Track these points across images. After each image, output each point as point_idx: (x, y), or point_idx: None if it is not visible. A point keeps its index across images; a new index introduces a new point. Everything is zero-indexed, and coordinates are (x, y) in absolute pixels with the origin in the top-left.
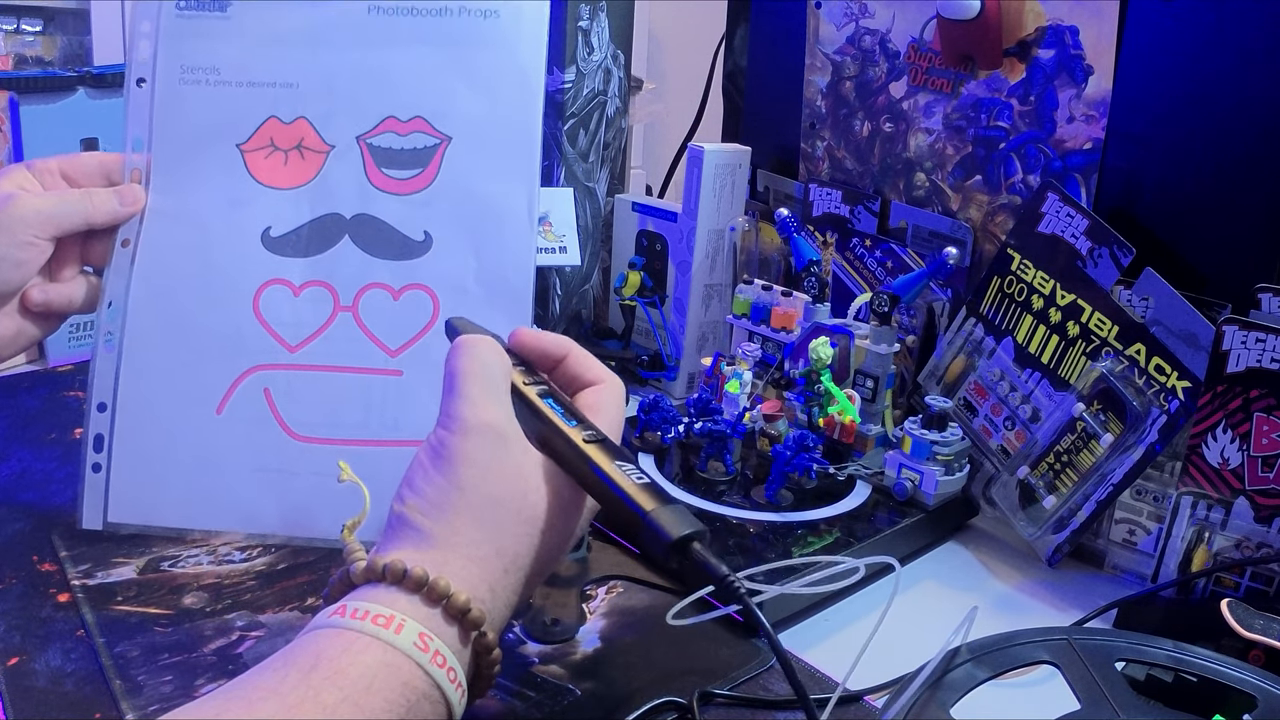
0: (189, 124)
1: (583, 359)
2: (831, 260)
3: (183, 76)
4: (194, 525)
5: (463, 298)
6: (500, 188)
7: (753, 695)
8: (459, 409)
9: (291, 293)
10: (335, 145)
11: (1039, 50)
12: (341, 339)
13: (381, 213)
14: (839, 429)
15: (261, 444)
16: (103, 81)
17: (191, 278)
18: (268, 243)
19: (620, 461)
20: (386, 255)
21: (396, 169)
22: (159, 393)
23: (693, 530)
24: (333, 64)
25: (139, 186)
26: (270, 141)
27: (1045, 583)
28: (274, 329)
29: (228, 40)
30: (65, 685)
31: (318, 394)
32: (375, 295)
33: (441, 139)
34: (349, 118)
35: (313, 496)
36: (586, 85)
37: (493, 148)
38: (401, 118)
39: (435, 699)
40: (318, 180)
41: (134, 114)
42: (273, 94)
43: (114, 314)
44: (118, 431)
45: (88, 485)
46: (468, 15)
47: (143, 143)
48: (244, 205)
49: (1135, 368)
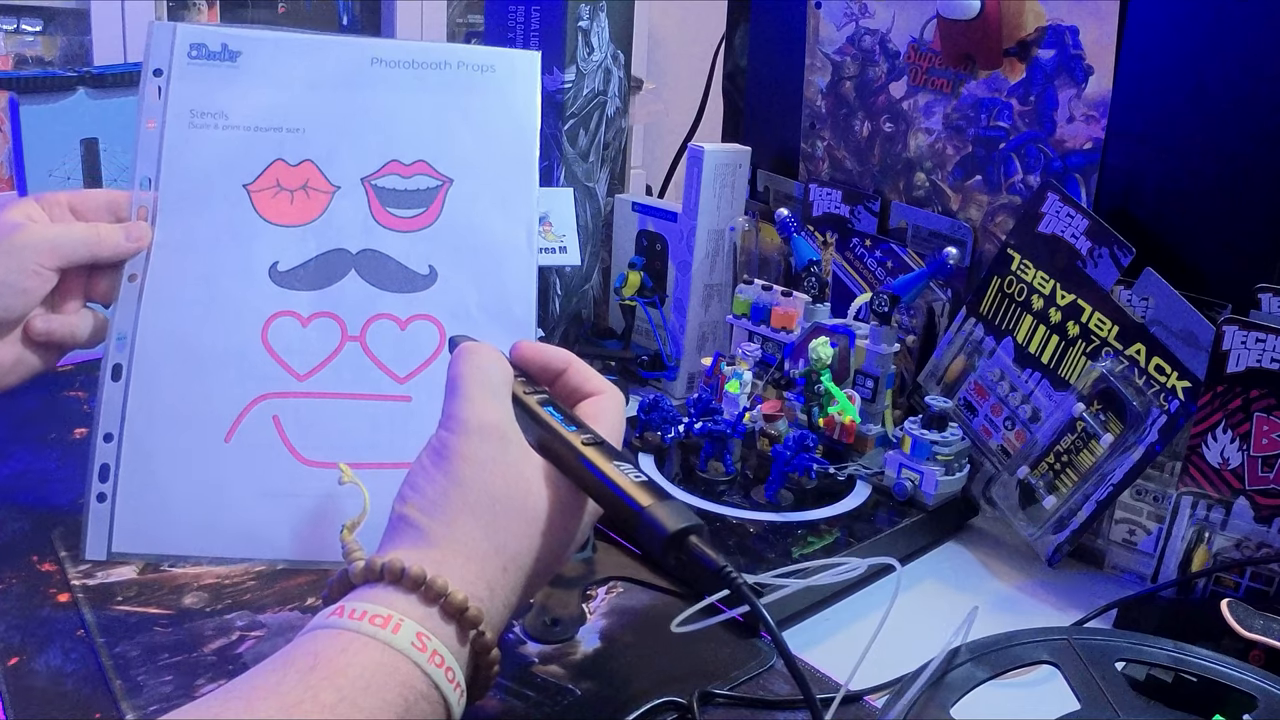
0: (197, 165)
1: (583, 371)
2: (831, 260)
3: (192, 120)
4: (200, 553)
5: (468, 325)
6: (501, 224)
7: (753, 695)
8: (460, 410)
9: (300, 323)
10: (341, 186)
11: (1039, 50)
12: (350, 367)
13: (386, 248)
14: (839, 429)
15: (270, 469)
16: (103, 81)
17: (199, 309)
18: (275, 277)
19: (618, 461)
20: (392, 288)
21: (401, 208)
22: (167, 422)
23: (689, 524)
24: (338, 110)
25: (145, 224)
26: (276, 182)
27: (1045, 583)
28: (282, 358)
29: (236, 87)
30: (65, 685)
31: (327, 420)
32: (382, 325)
33: (444, 180)
34: (354, 161)
35: (321, 518)
36: (586, 85)
37: (492, 187)
38: (404, 161)
39: (434, 699)
40: (324, 217)
41: (143, 154)
42: (279, 138)
43: (122, 346)
44: (124, 461)
45: (92, 515)
46: (465, 69)
47: (150, 182)
48: (251, 241)
49: (1135, 368)
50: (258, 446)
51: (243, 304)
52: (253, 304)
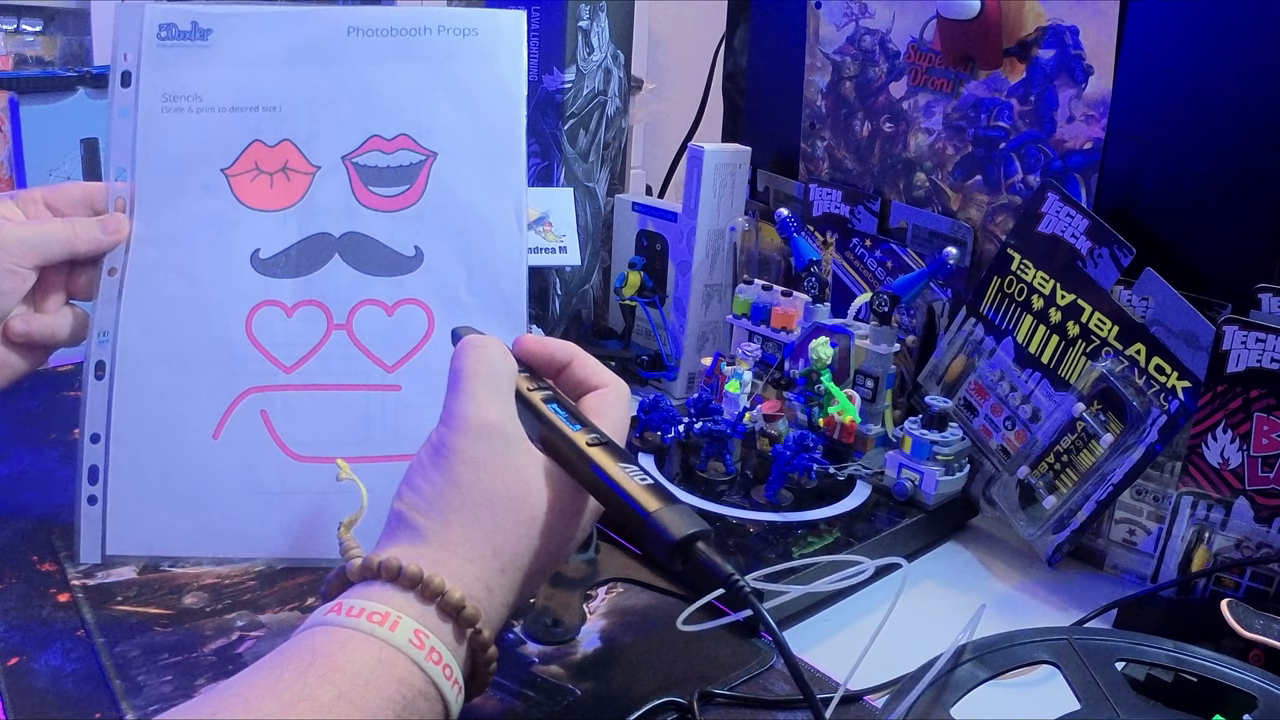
0: (172, 151)
1: (587, 364)
2: (831, 260)
3: (165, 105)
4: (195, 552)
5: (456, 309)
6: (488, 199)
7: (753, 695)
8: (461, 407)
9: (284, 313)
10: (321, 166)
11: (1039, 50)
12: (337, 357)
13: (370, 230)
14: (839, 429)
15: (261, 466)
16: (103, 81)
17: (181, 303)
18: (257, 265)
19: (624, 464)
20: (377, 272)
21: (383, 186)
22: (154, 420)
23: (696, 530)
24: (314, 85)
25: (122, 215)
26: (255, 165)
27: (1045, 583)
28: (268, 350)
29: (209, 67)
30: (65, 685)
31: (316, 413)
32: (369, 312)
33: (427, 155)
34: (333, 138)
35: (315, 515)
36: (586, 85)
37: (478, 160)
38: (386, 136)
39: (431, 696)
40: (305, 201)
41: (116, 143)
42: (255, 118)
43: (104, 343)
44: (113, 462)
45: (84, 518)
46: (446, 34)
47: (126, 172)
48: (231, 228)
49: (1135, 368)
50: (247, 443)
51: (225, 295)
52: (235, 294)
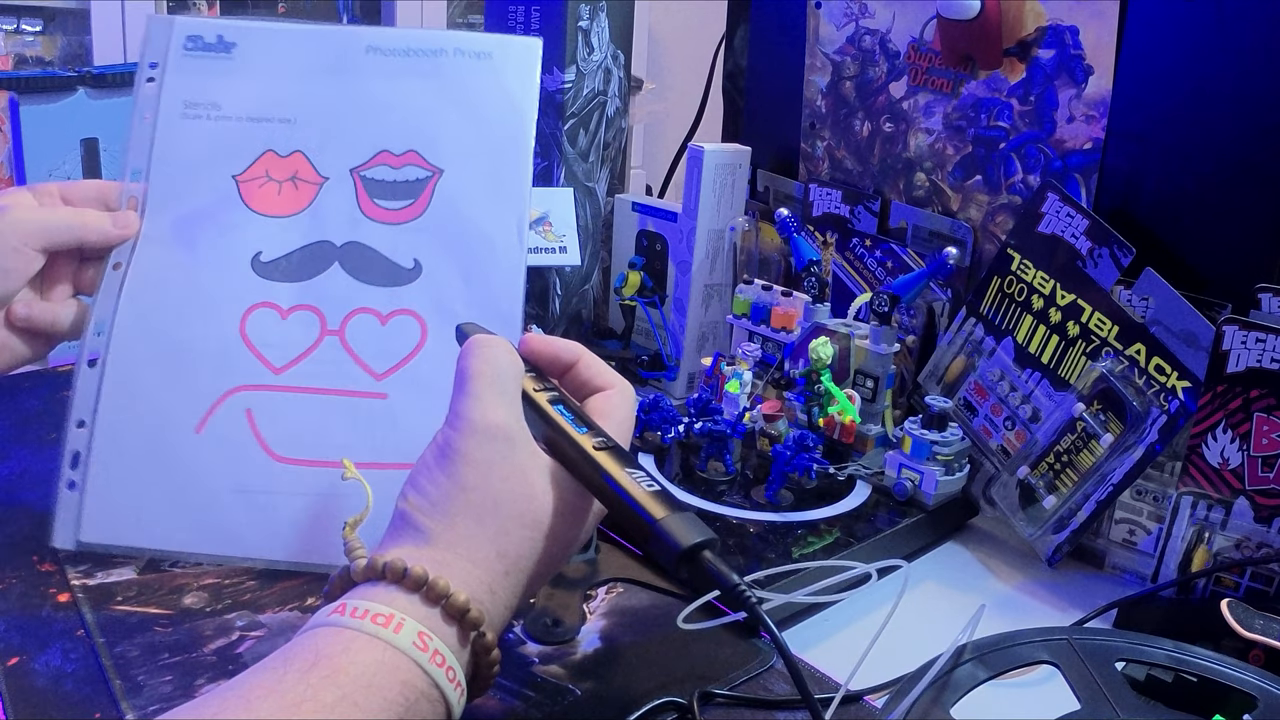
0: (187, 156)
1: (593, 364)
2: (831, 260)
3: (185, 112)
4: (170, 547)
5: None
6: (491, 216)
7: (753, 695)
8: (466, 409)
9: (279, 315)
10: (329, 177)
11: (1039, 50)
12: (327, 361)
13: (371, 240)
14: (839, 429)
15: (242, 465)
16: (103, 81)
17: (178, 297)
18: (257, 267)
19: (631, 469)
20: (375, 281)
21: (389, 200)
22: (138, 409)
23: (703, 539)
24: (329, 100)
25: (133, 213)
26: (265, 173)
27: (1045, 583)
28: (259, 350)
29: (230, 78)
30: (65, 685)
31: (301, 415)
32: (362, 319)
33: (434, 171)
34: (343, 151)
35: (295, 518)
36: (586, 85)
37: (484, 179)
38: (395, 151)
39: (434, 698)
40: (310, 209)
41: (135, 145)
42: (270, 129)
43: (100, 334)
44: (95, 449)
45: (61, 503)
46: (461, 56)
47: (141, 173)
48: (235, 230)
49: (1135, 368)
50: (229, 440)
51: (222, 294)
52: (233, 294)
